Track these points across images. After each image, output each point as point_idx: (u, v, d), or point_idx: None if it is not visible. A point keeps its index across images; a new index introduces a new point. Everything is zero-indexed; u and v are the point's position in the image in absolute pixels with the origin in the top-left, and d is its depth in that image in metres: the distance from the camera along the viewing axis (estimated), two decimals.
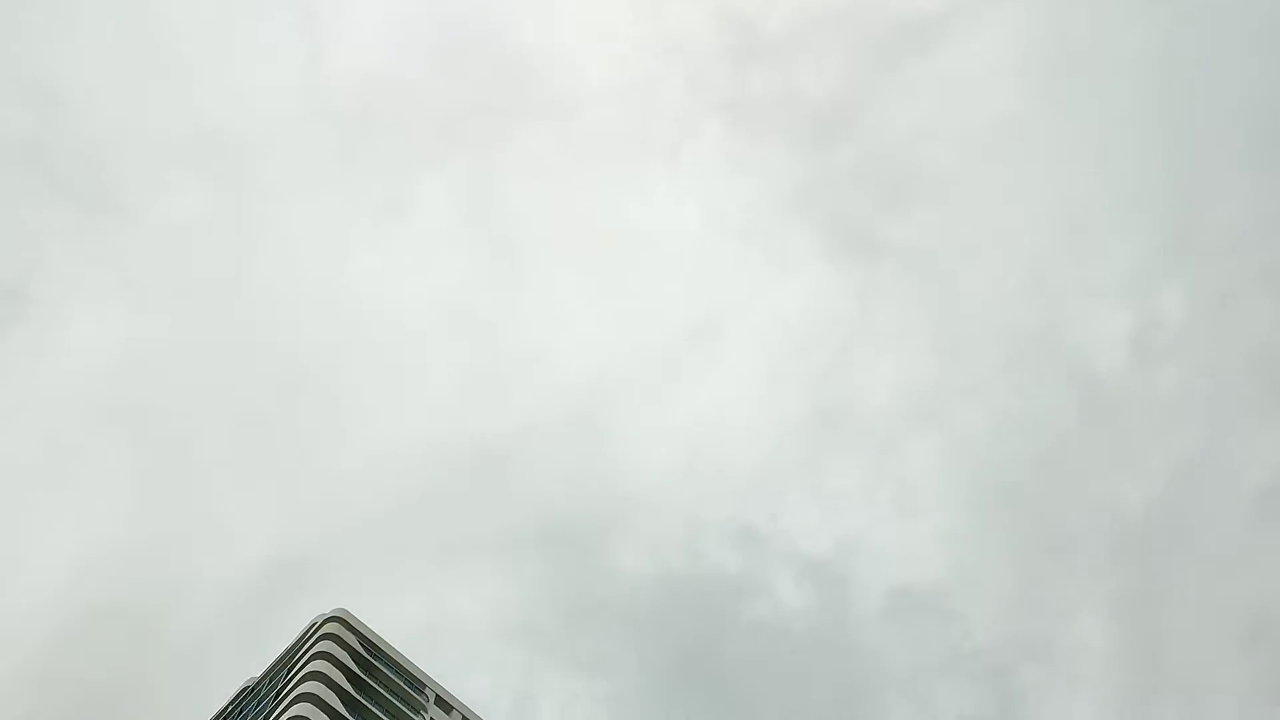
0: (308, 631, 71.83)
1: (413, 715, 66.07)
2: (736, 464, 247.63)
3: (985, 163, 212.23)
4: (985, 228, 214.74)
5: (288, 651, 72.65)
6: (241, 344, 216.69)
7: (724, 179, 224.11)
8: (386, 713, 63.95)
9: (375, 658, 68.89)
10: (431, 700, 70.96)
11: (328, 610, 72.38)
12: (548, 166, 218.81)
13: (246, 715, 67.97)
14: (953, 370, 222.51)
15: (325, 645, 65.36)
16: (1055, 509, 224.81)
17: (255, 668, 79.21)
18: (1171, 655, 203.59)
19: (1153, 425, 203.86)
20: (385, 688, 66.44)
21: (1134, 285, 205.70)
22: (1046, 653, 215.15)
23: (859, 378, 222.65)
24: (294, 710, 57.25)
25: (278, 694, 63.94)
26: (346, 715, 59.43)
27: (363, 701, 62.69)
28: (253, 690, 73.29)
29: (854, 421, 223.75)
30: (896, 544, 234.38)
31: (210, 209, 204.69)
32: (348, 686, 62.25)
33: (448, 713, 72.06)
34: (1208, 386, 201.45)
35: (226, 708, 75.94)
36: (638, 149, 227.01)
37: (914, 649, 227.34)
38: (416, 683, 71.28)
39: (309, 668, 62.08)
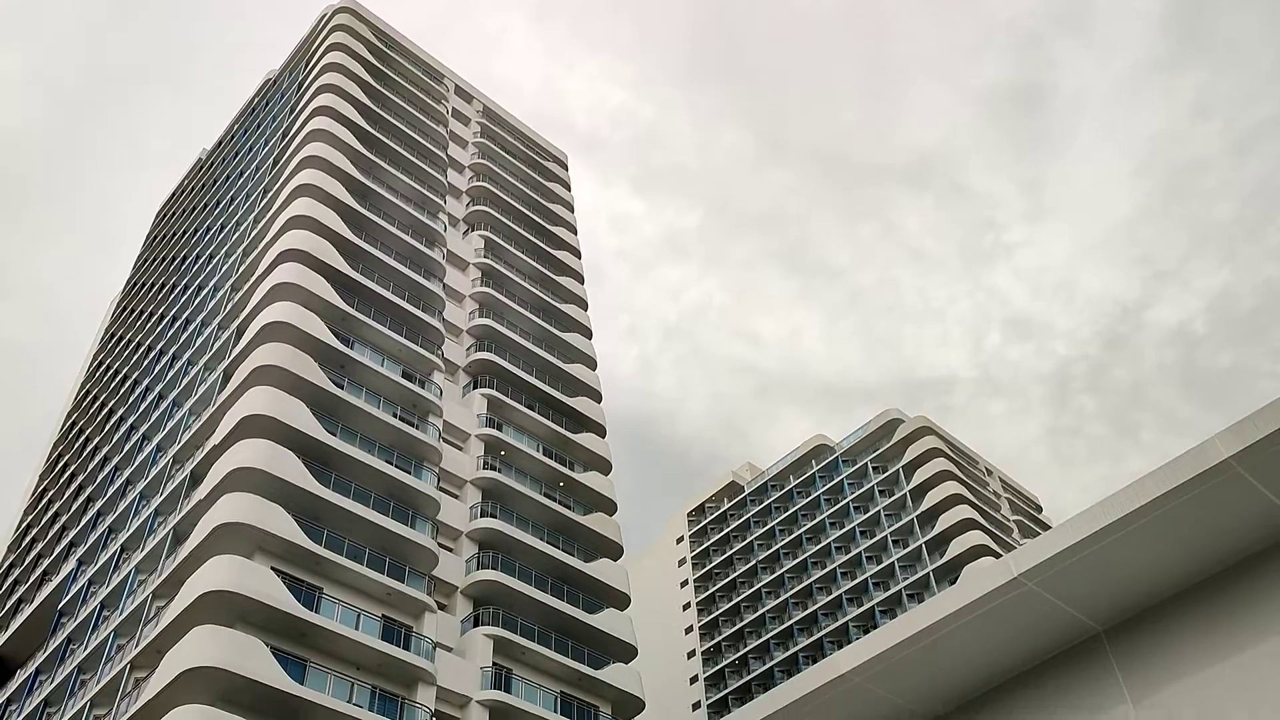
0: (318, 24, 70.63)
1: (434, 104, 67.26)
2: None
3: None
4: None
5: (302, 44, 72.17)
6: None
7: None
8: (408, 101, 65.12)
9: (390, 49, 68.42)
10: (451, 90, 71.82)
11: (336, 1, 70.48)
12: None
13: (272, 109, 69.62)
14: None
15: (339, 37, 64.62)
16: None
17: (276, 60, 79.38)
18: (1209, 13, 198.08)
19: None
20: (404, 78, 66.84)
21: None
22: (1084, 19, 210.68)
23: None
24: (319, 101, 58.32)
25: (300, 87, 64.77)
26: (369, 104, 60.61)
27: (383, 91, 63.52)
28: (274, 83, 74.26)
29: None
30: None
31: None
32: (367, 77, 62.68)
33: (469, 102, 73.34)
34: None
35: (252, 100, 77.67)
36: None
37: (944, 27, 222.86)
38: (435, 73, 71.53)
39: (326, 59, 62.00)
